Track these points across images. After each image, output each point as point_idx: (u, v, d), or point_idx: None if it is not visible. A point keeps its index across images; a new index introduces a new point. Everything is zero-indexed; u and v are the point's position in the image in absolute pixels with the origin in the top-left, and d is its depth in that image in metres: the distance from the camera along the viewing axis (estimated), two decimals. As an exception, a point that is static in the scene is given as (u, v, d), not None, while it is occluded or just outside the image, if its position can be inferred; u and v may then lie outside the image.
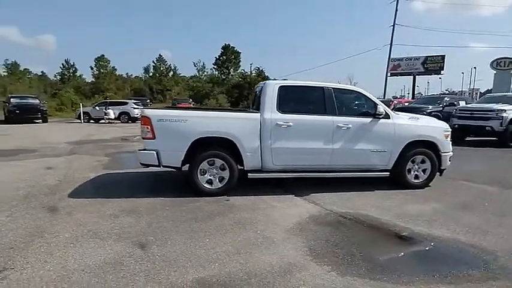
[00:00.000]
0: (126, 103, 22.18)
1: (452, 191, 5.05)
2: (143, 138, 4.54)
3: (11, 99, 20.76)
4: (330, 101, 4.80)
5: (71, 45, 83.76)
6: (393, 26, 31.13)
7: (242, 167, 4.72)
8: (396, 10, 30.86)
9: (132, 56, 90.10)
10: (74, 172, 6.16)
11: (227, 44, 47.05)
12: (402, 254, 2.99)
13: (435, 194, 4.88)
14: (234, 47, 47.31)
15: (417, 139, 4.95)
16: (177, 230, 3.47)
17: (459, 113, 10.67)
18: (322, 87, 4.87)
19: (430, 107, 12.60)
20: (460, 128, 10.25)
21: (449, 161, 5.19)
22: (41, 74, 62.44)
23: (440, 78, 45.28)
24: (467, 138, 11.02)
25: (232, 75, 45.29)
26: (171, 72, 64.25)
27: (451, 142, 5.23)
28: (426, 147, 5.02)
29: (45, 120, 20.38)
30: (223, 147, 4.60)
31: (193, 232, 3.42)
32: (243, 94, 37.03)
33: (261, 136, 4.60)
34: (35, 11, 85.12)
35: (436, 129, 5.11)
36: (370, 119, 4.84)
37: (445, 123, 5.40)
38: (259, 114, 4.64)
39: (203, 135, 4.49)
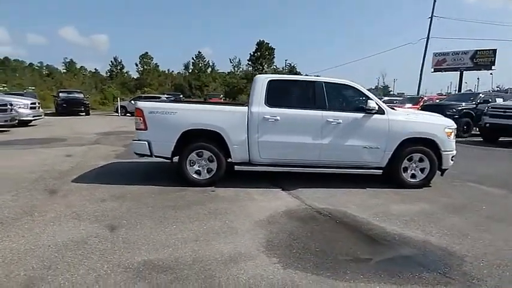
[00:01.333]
0: (159, 97, 23.17)
1: (452, 192, 4.74)
2: (136, 129, 4.79)
3: (60, 94, 22.82)
4: (320, 96, 4.70)
5: (121, 43, 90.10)
6: (431, 18, 28.99)
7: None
8: (435, 1, 28.71)
9: (174, 52, 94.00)
10: (88, 160, 6.65)
11: (261, 40, 47.21)
12: (359, 252, 2.89)
13: (431, 194, 4.61)
14: (268, 43, 47.22)
15: (414, 136, 4.69)
16: (151, 215, 3.65)
17: (491, 111, 9.76)
18: (313, 81, 4.80)
19: (464, 104, 11.67)
20: (491, 127, 9.43)
21: (452, 160, 4.86)
22: (94, 71, 67.10)
23: (491, 74, 41.76)
24: (501, 139, 10.10)
25: (266, 71, 45.26)
26: (210, 69, 65.89)
27: (454, 140, 4.88)
28: (424, 145, 4.75)
29: (87, 113, 22.11)
30: (211, 140, 4.71)
31: (164, 218, 3.58)
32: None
33: (248, 129, 4.64)
34: (92, 12, 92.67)
35: (435, 126, 4.79)
36: (362, 114, 4.67)
37: (448, 120, 5.04)
38: (246, 107, 4.69)
39: (191, 127, 4.64)
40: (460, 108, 11.16)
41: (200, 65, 65.23)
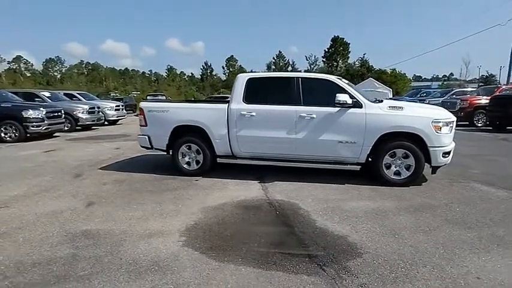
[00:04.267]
0: (227, 97, 24.79)
1: (437, 192, 4.24)
2: (140, 126, 5.61)
3: (148, 97, 26.54)
4: (295, 91, 4.74)
5: (214, 48, 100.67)
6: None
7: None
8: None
9: (259, 53, 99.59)
10: (127, 152, 7.85)
11: (336, 35, 45.60)
12: (263, 240, 3.00)
13: (410, 193, 4.22)
14: (343, 38, 45.41)
15: (394, 131, 4.35)
16: (127, 197, 4.34)
17: None
18: (289, 77, 4.86)
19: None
20: None
21: (444, 157, 4.32)
22: (190, 75, 75.32)
23: None
24: None
25: (340, 66, 43.62)
26: (290, 67, 66.91)
27: (447, 134, 4.32)
28: (408, 140, 4.35)
29: (167, 113, 25.09)
30: (197, 134, 5.21)
31: (135, 200, 4.22)
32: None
33: (228, 125, 4.99)
34: (191, 22, 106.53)
35: (419, 119, 4.30)
36: (337, 108, 4.54)
37: (440, 113, 4.44)
38: (227, 105, 5.05)
39: (180, 123, 5.22)
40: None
41: (280, 64, 66.78)
